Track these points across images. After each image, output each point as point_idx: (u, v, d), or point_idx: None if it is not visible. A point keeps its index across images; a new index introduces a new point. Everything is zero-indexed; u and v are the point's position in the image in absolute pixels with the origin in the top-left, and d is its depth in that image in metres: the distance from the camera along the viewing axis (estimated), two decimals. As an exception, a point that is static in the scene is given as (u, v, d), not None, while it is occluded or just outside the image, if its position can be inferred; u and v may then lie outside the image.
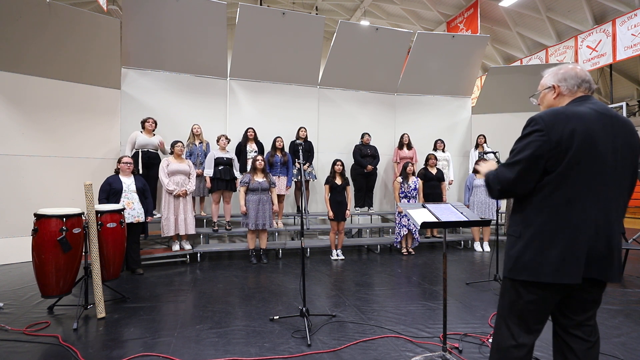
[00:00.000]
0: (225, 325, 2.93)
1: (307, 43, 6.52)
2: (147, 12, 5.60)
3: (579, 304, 1.49)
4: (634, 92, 13.01)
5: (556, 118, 1.39)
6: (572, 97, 1.51)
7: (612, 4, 10.41)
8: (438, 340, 2.65)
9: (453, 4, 13.56)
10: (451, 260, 5.38)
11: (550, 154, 1.38)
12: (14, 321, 2.98)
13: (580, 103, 1.47)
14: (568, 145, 1.36)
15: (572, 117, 1.39)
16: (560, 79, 1.53)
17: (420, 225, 2.28)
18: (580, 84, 1.50)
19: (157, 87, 6.10)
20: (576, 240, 1.38)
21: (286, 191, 5.97)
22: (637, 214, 11.48)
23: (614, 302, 3.49)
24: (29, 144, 5.09)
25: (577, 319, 1.50)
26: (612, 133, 1.41)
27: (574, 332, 1.50)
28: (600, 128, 1.39)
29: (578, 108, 1.43)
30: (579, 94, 1.51)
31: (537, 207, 1.44)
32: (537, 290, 1.45)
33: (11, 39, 4.80)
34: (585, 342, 1.49)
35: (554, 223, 1.40)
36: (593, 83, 1.53)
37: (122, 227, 3.46)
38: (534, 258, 1.42)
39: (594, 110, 1.41)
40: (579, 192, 1.39)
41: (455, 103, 7.76)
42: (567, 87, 1.52)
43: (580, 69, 1.53)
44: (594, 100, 1.48)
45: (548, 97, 1.58)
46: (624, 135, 1.43)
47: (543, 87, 1.60)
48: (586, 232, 1.38)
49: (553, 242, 1.40)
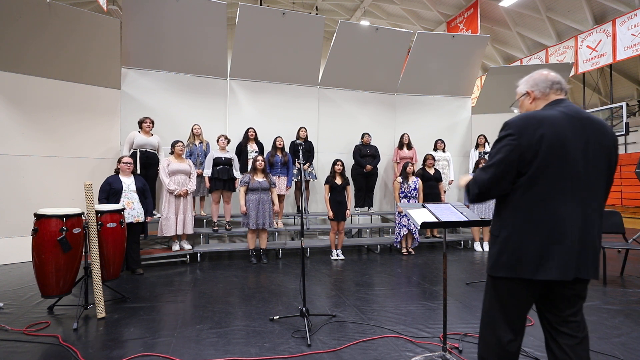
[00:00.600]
0: (225, 325, 2.93)
1: (307, 43, 6.52)
2: (147, 12, 5.60)
3: (562, 299, 1.53)
4: (634, 92, 13.01)
5: (527, 122, 1.47)
6: (546, 100, 1.59)
7: (612, 4, 10.41)
8: (438, 340, 2.65)
9: (453, 4, 13.56)
10: (451, 260, 5.38)
11: (522, 157, 1.45)
12: (14, 321, 2.98)
13: (552, 107, 1.55)
14: (537, 148, 1.44)
15: (542, 121, 1.46)
16: (532, 84, 1.63)
17: (420, 225, 2.28)
18: (551, 86, 1.59)
19: (157, 87, 6.10)
20: (549, 238, 1.45)
21: (286, 191, 5.97)
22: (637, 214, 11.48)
23: (614, 302, 3.49)
24: (29, 144, 5.09)
25: (562, 314, 1.54)
26: (583, 135, 1.47)
27: (561, 328, 1.54)
28: (570, 130, 1.45)
29: (549, 112, 1.50)
30: (552, 96, 1.59)
31: (512, 208, 1.51)
32: (515, 286, 1.52)
33: (11, 39, 4.80)
34: (573, 337, 1.52)
35: (528, 223, 1.48)
36: (564, 83, 1.61)
37: (122, 227, 3.46)
38: (511, 256, 1.50)
39: (564, 114, 1.49)
40: (550, 193, 1.45)
41: (455, 103, 7.76)
42: (539, 91, 1.61)
43: (549, 72, 1.63)
44: (566, 104, 1.55)
45: (525, 103, 1.67)
46: (595, 136, 1.48)
47: (519, 95, 1.70)
48: (559, 231, 1.45)
49: (528, 240, 1.47)
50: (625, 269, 4.59)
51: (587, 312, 3.21)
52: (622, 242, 4.63)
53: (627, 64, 12.21)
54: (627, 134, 11.00)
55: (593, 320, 3.05)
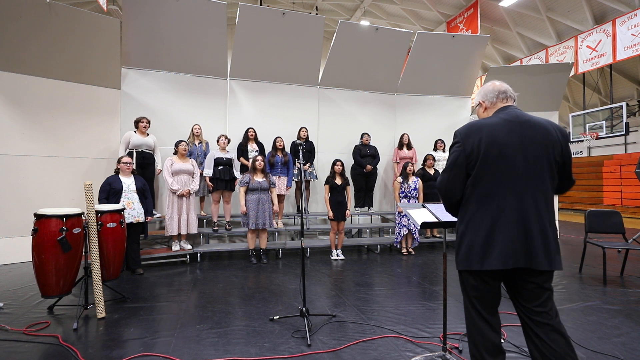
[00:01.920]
0: (225, 325, 2.93)
1: (307, 43, 6.52)
2: (147, 12, 5.60)
3: (526, 291, 1.64)
4: (634, 92, 13.01)
5: (470, 130, 1.68)
6: (495, 108, 1.78)
7: (612, 4, 10.41)
8: (438, 340, 2.65)
9: (453, 4, 13.56)
10: (451, 260, 5.36)
11: (468, 160, 1.66)
12: (14, 321, 2.98)
13: (497, 114, 1.73)
14: (477, 151, 1.63)
15: (482, 128, 1.66)
16: (483, 95, 1.83)
17: (420, 225, 2.28)
18: (497, 96, 1.78)
19: (157, 87, 6.10)
20: (493, 231, 1.60)
21: (286, 191, 5.97)
22: (637, 214, 11.48)
23: (614, 302, 3.49)
24: (29, 144, 5.09)
25: (530, 306, 1.64)
26: (519, 136, 1.62)
27: (534, 317, 1.63)
28: (506, 133, 1.63)
29: (490, 119, 1.70)
30: (499, 104, 1.77)
31: (464, 206, 1.71)
32: (474, 277, 1.68)
33: (11, 39, 4.80)
34: (545, 325, 1.61)
35: (475, 217, 1.65)
36: (510, 92, 1.79)
37: (122, 227, 3.46)
38: (465, 249, 1.66)
39: (503, 119, 1.67)
40: (492, 189, 1.62)
41: (455, 103, 7.76)
42: (489, 100, 1.80)
43: (497, 83, 1.81)
44: (508, 110, 1.71)
45: (479, 112, 1.86)
46: (533, 136, 1.63)
47: (474, 105, 1.89)
48: (500, 222, 1.59)
49: (476, 234, 1.63)
50: (625, 269, 4.59)
51: (587, 312, 3.23)
52: (622, 242, 4.63)
53: (627, 64, 12.21)
54: (627, 134, 11.00)
55: (593, 320, 3.05)
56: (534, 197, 1.60)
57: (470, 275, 1.68)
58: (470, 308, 1.71)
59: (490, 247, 1.59)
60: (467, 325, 1.74)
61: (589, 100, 13.30)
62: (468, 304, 1.73)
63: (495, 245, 1.58)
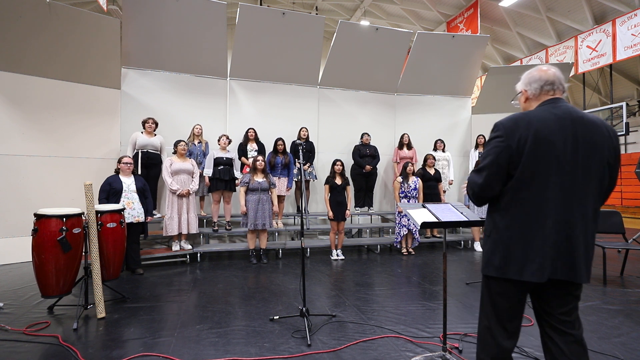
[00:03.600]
0: (225, 325, 2.93)
1: (307, 43, 6.52)
2: (147, 12, 5.60)
3: (554, 298, 1.53)
4: (634, 92, 13.01)
5: (516, 124, 1.47)
6: (538, 101, 1.57)
7: (612, 4, 10.40)
8: (438, 340, 2.65)
9: (453, 4, 13.56)
10: (451, 260, 5.38)
11: (511, 159, 1.47)
12: (14, 321, 2.98)
13: (543, 107, 1.52)
14: (523, 150, 1.44)
15: (530, 123, 1.46)
16: (526, 83, 1.61)
17: (420, 225, 2.28)
18: (542, 87, 1.56)
19: (157, 87, 6.10)
20: (536, 239, 1.45)
21: (287, 192, 5.97)
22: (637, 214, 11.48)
23: (614, 302, 3.49)
24: (29, 144, 5.09)
25: (555, 313, 1.54)
26: (572, 135, 1.45)
27: (558, 326, 1.53)
28: (557, 131, 1.45)
29: (538, 113, 1.50)
30: (543, 97, 1.56)
31: (502, 209, 1.53)
32: (506, 285, 1.53)
33: (11, 39, 4.80)
34: (568, 335, 1.52)
35: (517, 224, 1.49)
36: (558, 84, 1.56)
37: (122, 227, 3.46)
38: (501, 256, 1.51)
39: (553, 114, 1.47)
40: (537, 194, 1.46)
41: (455, 103, 7.76)
42: (531, 91, 1.59)
43: (546, 71, 1.57)
44: (559, 104, 1.52)
45: (521, 101, 1.65)
46: (586, 135, 1.46)
47: (517, 91, 1.67)
48: (546, 233, 1.45)
49: (515, 241, 1.48)
50: (625, 269, 4.59)
51: (587, 312, 3.23)
52: (622, 242, 4.63)
53: (627, 64, 12.21)
54: (627, 134, 11.00)
55: (593, 320, 3.05)
56: (583, 205, 1.46)
57: (501, 282, 1.54)
58: (490, 314, 1.58)
59: (531, 256, 1.45)
60: (480, 331, 1.63)
61: (589, 100, 13.30)
62: (489, 310, 1.59)
63: (537, 255, 1.45)
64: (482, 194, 1.57)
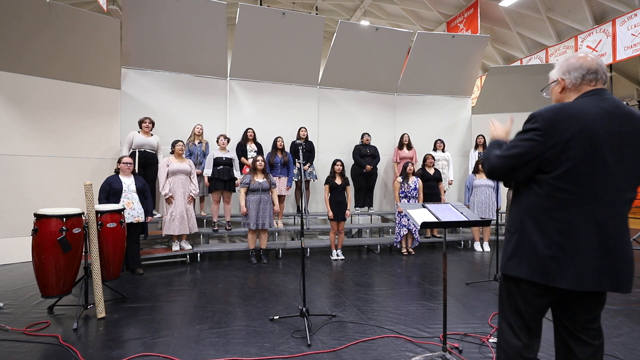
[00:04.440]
0: (225, 325, 2.93)
1: (307, 43, 6.52)
2: (147, 12, 5.60)
3: (581, 304, 1.41)
4: (634, 92, 13.00)
5: (557, 118, 1.32)
6: (578, 92, 1.42)
7: (612, 4, 10.40)
8: (438, 340, 2.65)
9: (453, 4, 13.55)
10: (451, 260, 5.38)
11: (546, 155, 1.33)
12: (14, 321, 2.98)
13: (588, 99, 1.37)
14: (566, 147, 1.30)
15: (574, 117, 1.31)
16: (564, 71, 1.45)
17: (420, 225, 2.28)
18: (584, 76, 1.40)
19: (157, 87, 6.10)
20: (570, 245, 1.32)
21: (287, 191, 5.97)
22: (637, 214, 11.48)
23: (614, 302, 3.49)
24: (29, 144, 5.09)
25: (579, 320, 1.42)
26: (619, 133, 1.31)
27: (579, 335, 1.43)
28: (604, 128, 1.30)
29: (583, 106, 1.34)
30: (585, 87, 1.41)
31: (534, 206, 1.39)
32: (529, 287, 1.41)
33: (11, 39, 4.79)
34: (590, 346, 1.42)
35: (548, 225, 1.35)
36: (602, 73, 1.40)
37: (122, 227, 3.46)
38: (526, 256, 1.38)
39: (601, 108, 1.32)
40: (576, 197, 1.32)
41: (455, 103, 7.76)
42: (570, 80, 1.43)
43: (589, 58, 1.42)
44: (604, 96, 1.37)
45: (555, 91, 1.49)
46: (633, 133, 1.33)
47: (551, 80, 1.52)
48: (582, 239, 1.32)
49: (546, 243, 1.35)
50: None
51: (587, 312, 3.21)
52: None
53: (627, 64, 12.21)
54: (627, 134, 10.98)
55: (593, 320, 3.05)
56: (622, 208, 1.34)
57: (523, 283, 1.41)
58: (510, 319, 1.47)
59: (565, 262, 1.31)
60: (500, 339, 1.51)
61: (589, 100, 13.28)
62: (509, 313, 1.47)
63: (572, 260, 1.31)
64: (498, 177, 1.47)
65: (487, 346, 2.56)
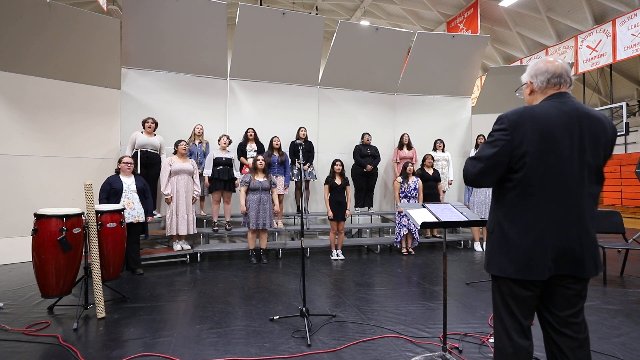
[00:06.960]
0: (225, 325, 2.93)
1: (307, 43, 6.52)
2: (147, 12, 5.60)
3: (562, 299, 1.49)
4: (634, 92, 13.01)
5: (521, 119, 1.43)
6: (544, 95, 1.51)
7: (612, 4, 10.41)
8: (438, 340, 2.65)
9: (453, 4, 13.56)
10: (451, 260, 5.38)
11: (513, 153, 1.43)
12: (14, 321, 2.98)
13: (550, 102, 1.47)
14: (528, 146, 1.41)
15: (536, 117, 1.42)
16: (532, 74, 1.54)
17: (420, 225, 2.28)
18: (549, 80, 1.49)
19: (157, 87, 6.10)
20: (540, 238, 1.42)
21: (284, 191, 5.97)
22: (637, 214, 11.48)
23: (614, 302, 3.49)
24: (29, 144, 5.09)
25: (562, 315, 1.49)
26: (578, 132, 1.42)
27: (562, 329, 1.49)
28: (563, 127, 1.41)
29: (544, 108, 1.45)
30: (549, 90, 1.50)
31: (504, 205, 1.50)
32: (511, 284, 1.49)
33: (11, 39, 4.80)
34: (573, 339, 1.48)
35: (519, 221, 1.45)
36: (565, 76, 1.49)
37: (122, 227, 3.46)
38: (503, 254, 1.48)
39: (559, 110, 1.43)
40: (542, 190, 1.43)
41: (455, 103, 7.76)
42: (537, 83, 1.53)
43: (557, 63, 1.50)
44: (564, 99, 1.47)
45: (525, 93, 1.60)
46: (591, 133, 1.43)
47: (522, 82, 1.61)
48: (550, 230, 1.42)
49: (518, 239, 1.45)
50: (625, 269, 4.59)
51: (587, 312, 3.20)
52: (622, 242, 4.63)
53: (627, 64, 12.21)
54: (627, 134, 10.99)
55: (593, 320, 3.05)
56: (587, 201, 1.44)
57: (505, 280, 1.50)
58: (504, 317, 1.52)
59: (536, 257, 1.42)
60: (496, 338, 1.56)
61: (589, 100, 13.30)
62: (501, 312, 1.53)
63: (542, 255, 1.42)
64: (475, 182, 1.54)
65: (487, 346, 2.56)
